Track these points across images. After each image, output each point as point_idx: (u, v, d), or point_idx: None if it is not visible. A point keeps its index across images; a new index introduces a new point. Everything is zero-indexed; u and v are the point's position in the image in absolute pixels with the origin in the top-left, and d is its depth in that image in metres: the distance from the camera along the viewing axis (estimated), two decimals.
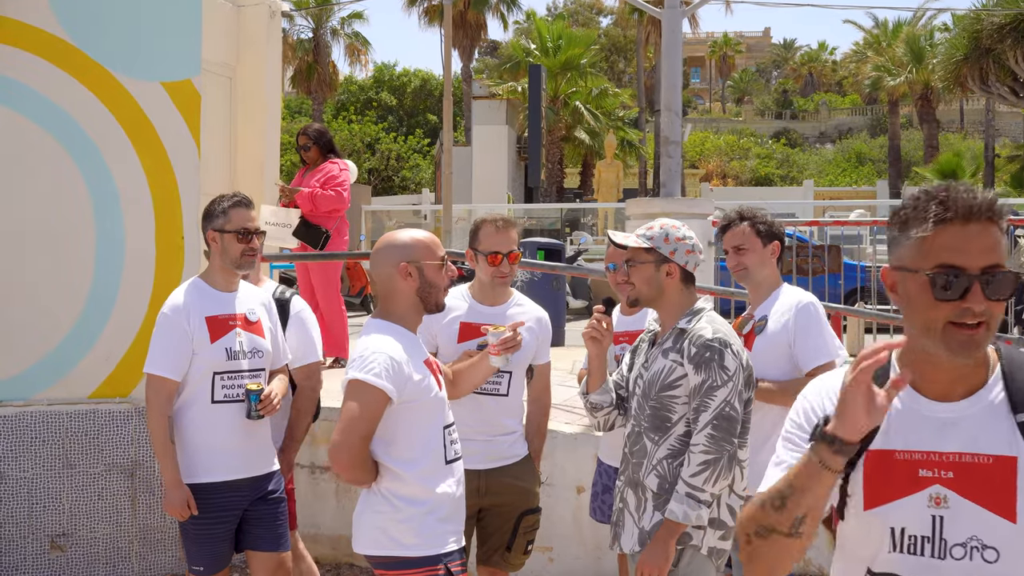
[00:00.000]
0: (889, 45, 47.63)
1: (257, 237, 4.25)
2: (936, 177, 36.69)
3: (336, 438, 3.22)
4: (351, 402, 3.23)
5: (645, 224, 3.72)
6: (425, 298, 3.44)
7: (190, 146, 6.04)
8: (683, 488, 3.41)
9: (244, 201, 4.25)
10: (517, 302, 4.31)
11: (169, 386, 4.11)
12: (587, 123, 37.00)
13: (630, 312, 4.61)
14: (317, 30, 44.70)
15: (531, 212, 26.54)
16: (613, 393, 3.80)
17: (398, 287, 3.41)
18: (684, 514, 3.40)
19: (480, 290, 4.26)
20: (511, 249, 4.18)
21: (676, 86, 9.04)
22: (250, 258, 4.23)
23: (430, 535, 3.34)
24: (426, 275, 3.42)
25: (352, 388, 3.25)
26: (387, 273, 3.42)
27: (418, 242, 3.45)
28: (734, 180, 56.40)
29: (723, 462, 3.41)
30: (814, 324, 4.13)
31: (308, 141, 8.23)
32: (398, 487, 3.33)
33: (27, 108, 5.80)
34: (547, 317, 4.37)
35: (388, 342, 3.31)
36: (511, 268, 4.20)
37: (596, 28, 64.16)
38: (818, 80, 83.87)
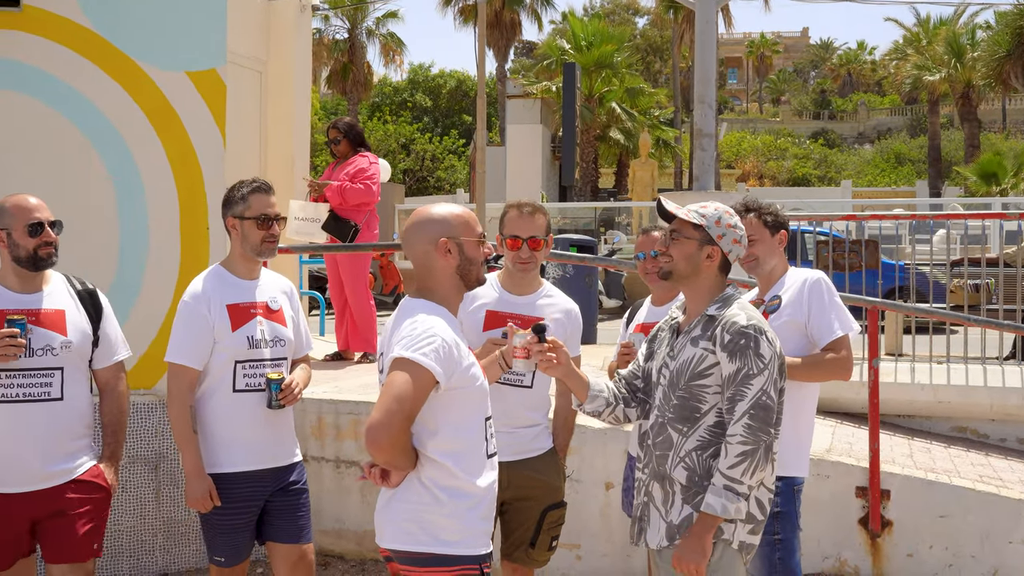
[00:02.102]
0: (929, 43, 47.07)
1: (278, 223, 4.17)
2: (977, 177, 36.23)
3: (376, 417, 2.98)
4: (397, 380, 3.00)
5: (699, 203, 3.60)
6: (466, 275, 3.28)
7: (215, 135, 5.98)
8: (720, 480, 3.27)
9: (263, 187, 4.16)
10: (547, 293, 4.19)
11: (190, 375, 4.04)
12: (622, 122, 36.81)
13: (661, 303, 4.50)
14: (352, 30, 44.80)
15: (565, 211, 26.38)
16: (606, 393, 3.63)
17: (437, 264, 3.24)
18: (723, 507, 3.26)
19: (508, 278, 4.15)
20: (532, 235, 4.05)
21: (710, 79, 8.90)
22: (270, 244, 4.14)
23: (472, 532, 3.16)
24: (466, 251, 3.26)
25: (399, 366, 3.02)
26: (424, 250, 3.25)
27: (457, 217, 3.27)
28: (771, 181, 55.96)
29: (760, 453, 3.27)
30: (827, 298, 4.15)
31: (338, 134, 8.17)
32: (444, 478, 3.12)
33: (52, 97, 5.79)
34: (577, 310, 4.24)
35: (439, 323, 3.12)
36: (531, 255, 4.06)
37: (633, 28, 63.92)
38: (857, 80, 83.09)
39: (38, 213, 3.97)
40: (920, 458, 6.51)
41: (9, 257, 3.96)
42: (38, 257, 3.94)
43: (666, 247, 3.50)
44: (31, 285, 4.01)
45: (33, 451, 3.91)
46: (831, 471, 5.85)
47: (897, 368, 7.76)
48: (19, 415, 3.89)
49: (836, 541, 5.81)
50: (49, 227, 3.98)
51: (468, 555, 3.14)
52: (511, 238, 4.05)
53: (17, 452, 3.89)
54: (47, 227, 3.97)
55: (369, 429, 3.00)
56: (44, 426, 3.93)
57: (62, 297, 4.06)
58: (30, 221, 3.93)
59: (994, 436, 7.49)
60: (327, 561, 6.08)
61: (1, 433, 3.87)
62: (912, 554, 5.74)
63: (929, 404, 7.52)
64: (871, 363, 5.87)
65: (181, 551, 5.90)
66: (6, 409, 3.88)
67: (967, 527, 5.69)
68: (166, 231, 5.87)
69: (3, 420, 3.88)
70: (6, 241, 3.95)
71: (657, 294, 4.54)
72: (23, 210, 3.96)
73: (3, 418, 3.88)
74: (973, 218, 10.78)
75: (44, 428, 3.93)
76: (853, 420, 7.29)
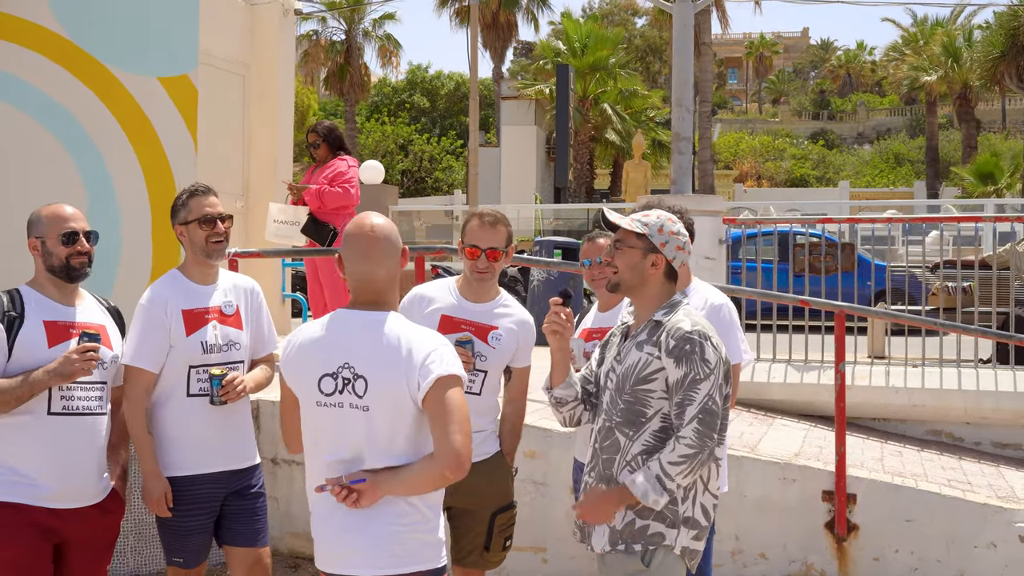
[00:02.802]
0: (926, 44, 47.07)
1: (223, 223, 4.18)
2: (974, 177, 36.27)
3: (465, 442, 2.94)
4: (459, 400, 2.99)
5: (642, 212, 3.63)
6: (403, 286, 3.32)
7: (187, 140, 6.03)
8: (656, 468, 3.29)
9: (202, 189, 4.19)
10: (504, 303, 4.22)
11: (147, 378, 4.07)
12: (616, 124, 36.80)
13: (606, 308, 4.53)
14: (349, 32, 44.82)
15: (559, 213, 26.45)
16: (578, 387, 3.68)
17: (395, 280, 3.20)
18: (644, 492, 3.30)
19: (465, 285, 4.18)
20: (492, 246, 4.06)
21: (687, 81, 8.95)
22: (217, 245, 4.16)
23: (442, 543, 3.17)
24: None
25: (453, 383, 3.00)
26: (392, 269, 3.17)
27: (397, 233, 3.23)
28: (769, 181, 55.97)
29: (701, 458, 3.31)
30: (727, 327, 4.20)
31: (317, 138, 8.20)
32: (432, 493, 3.11)
33: (24, 103, 5.82)
34: (532, 321, 4.27)
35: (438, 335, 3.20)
36: (489, 265, 4.08)
37: (631, 28, 63.90)
38: (856, 80, 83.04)
39: (73, 223, 3.92)
40: (890, 462, 6.54)
41: (43, 267, 3.92)
42: (71, 267, 3.88)
43: (611, 257, 3.53)
44: (70, 298, 3.97)
45: (83, 466, 3.88)
46: (798, 475, 5.88)
47: (872, 371, 7.79)
48: (79, 428, 3.85)
49: (802, 545, 5.84)
50: (84, 237, 3.93)
51: (442, 566, 3.16)
52: (470, 247, 4.08)
53: (70, 467, 3.83)
54: (81, 236, 3.92)
55: (464, 457, 2.95)
56: (96, 440, 3.92)
57: (98, 313, 4.06)
58: (64, 230, 3.88)
59: (969, 440, 7.52)
60: (297, 563, 6.12)
61: (58, 446, 3.80)
62: (878, 558, 5.78)
63: (904, 407, 7.56)
64: (837, 367, 5.90)
65: (152, 553, 5.92)
66: (67, 421, 3.83)
67: (933, 531, 5.72)
68: (138, 236, 5.91)
69: (61, 433, 3.81)
70: (40, 250, 3.92)
71: (603, 300, 4.57)
72: (58, 219, 3.92)
73: (61, 431, 3.81)
74: (949, 220, 10.81)
75: (96, 443, 3.92)
76: (828, 424, 7.33)
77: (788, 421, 7.42)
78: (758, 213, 21.88)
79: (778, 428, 7.13)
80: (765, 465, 5.92)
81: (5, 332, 3.77)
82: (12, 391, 3.69)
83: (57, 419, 3.81)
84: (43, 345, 3.80)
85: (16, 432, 3.77)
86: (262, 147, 9.56)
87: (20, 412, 3.75)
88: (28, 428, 3.77)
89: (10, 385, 3.70)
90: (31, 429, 3.77)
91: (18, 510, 3.75)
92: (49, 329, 3.84)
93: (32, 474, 3.76)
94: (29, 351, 3.77)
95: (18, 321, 3.80)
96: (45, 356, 3.78)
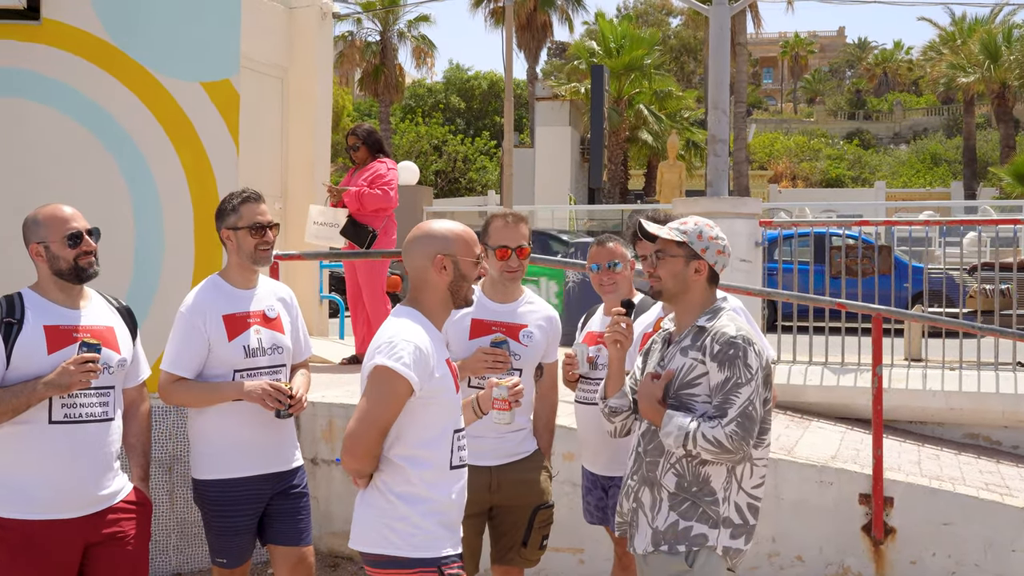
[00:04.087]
0: (964, 43, 46.61)
1: (271, 230, 4.24)
2: (1012, 178, 35.86)
3: (353, 427, 3.10)
4: (375, 390, 3.14)
5: (679, 219, 3.67)
6: (456, 292, 3.38)
7: (229, 145, 6.10)
8: (694, 428, 3.34)
9: (254, 196, 4.24)
10: (528, 300, 4.31)
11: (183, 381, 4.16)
12: (650, 124, 36.73)
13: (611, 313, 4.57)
14: (384, 33, 45.02)
15: (593, 213, 26.44)
16: (631, 397, 3.75)
17: (431, 279, 3.35)
18: (668, 432, 3.39)
19: (491, 286, 4.25)
20: (520, 244, 4.18)
21: (723, 83, 8.96)
22: (264, 252, 4.21)
23: (425, 538, 3.25)
24: (460, 269, 3.36)
25: (377, 375, 3.14)
26: (421, 264, 3.35)
27: (456, 235, 3.38)
28: (804, 182, 55.63)
29: (732, 457, 3.36)
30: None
31: (357, 141, 8.28)
32: (398, 483, 3.23)
33: (69, 108, 5.92)
34: (557, 316, 4.37)
35: (417, 331, 3.24)
36: (520, 263, 4.20)
37: (666, 28, 63.70)
38: (893, 80, 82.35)
39: (74, 222, 3.80)
40: (928, 465, 6.52)
41: (49, 271, 3.78)
42: (79, 267, 3.76)
43: (654, 268, 3.58)
44: (75, 300, 3.85)
45: (91, 473, 3.76)
46: (835, 478, 5.89)
47: (909, 374, 7.77)
48: (80, 436, 3.73)
49: (839, 548, 5.84)
50: (87, 235, 3.82)
51: (425, 558, 3.24)
52: (499, 248, 4.15)
53: (78, 475, 3.72)
54: (85, 235, 3.80)
55: (347, 438, 3.14)
56: (101, 447, 3.79)
57: (106, 313, 3.94)
58: (68, 232, 3.76)
59: (1007, 443, 7.49)
60: (336, 562, 6.20)
61: (63, 456, 3.68)
62: (915, 561, 5.77)
63: (941, 411, 7.54)
64: (875, 370, 5.90)
65: (194, 551, 6.02)
66: (68, 430, 3.71)
67: (970, 535, 5.70)
68: (180, 239, 5.99)
69: (65, 442, 3.69)
70: (44, 255, 3.78)
71: (608, 305, 4.60)
72: (58, 220, 3.79)
73: (65, 440, 3.70)
74: (987, 223, 10.74)
75: (101, 449, 3.79)
76: (865, 427, 7.31)
77: (824, 424, 7.42)
78: (793, 214, 21.81)
79: (814, 431, 7.12)
80: (802, 468, 5.93)
81: (3, 340, 3.64)
82: (8, 402, 3.58)
83: (59, 428, 3.68)
84: (42, 352, 3.67)
85: (17, 443, 3.66)
86: (300, 149, 9.66)
87: (19, 422, 3.63)
88: (29, 439, 3.65)
89: (4, 396, 3.57)
90: (33, 439, 3.65)
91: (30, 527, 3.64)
92: (49, 334, 3.71)
93: (38, 486, 3.64)
94: (27, 358, 3.65)
95: (16, 327, 3.67)
96: (44, 363, 3.66)
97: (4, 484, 3.66)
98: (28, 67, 5.93)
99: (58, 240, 3.77)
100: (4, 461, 3.68)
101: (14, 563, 3.63)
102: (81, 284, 3.85)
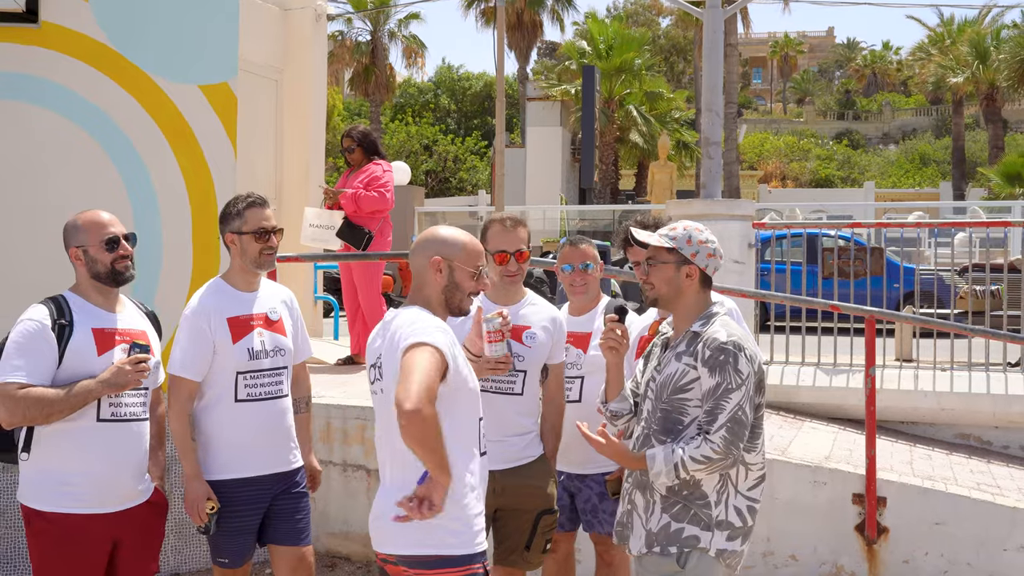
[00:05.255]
0: (953, 43, 46.80)
1: (275, 235, 4.28)
2: (1000, 178, 36.03)
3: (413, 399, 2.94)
4: (418, 358, 3.06)
5: (668, 225, 3.72)
6: (449, 298, 3.43)
7: (227, 148, 6.14)
8: (677, 456, 3.39)
9: (258, 201, 4.29)
10: (531, 301, 4.33)
11: (190, 386, 4.19)
12: (640, 125, 36.81)
13: (579, 313, 4.63)
14: (375, 32, 45.00)
15: (584, 214, 26.51)
16: (631, 400, 3.80)
17: (428, 280, 3.42)
18: (659, 472, 3.42)
19: (493, 290, 4.28)
20: (518, 248, 4.21)
21: (717, 86, 9.01)
22: (269, 257, 4.26)
23: (472, 531, 3.29)
24: (455, 276, 3.41)
25: (416, 348, 3.11)
26: (421, 264, 3.42)
27: (460, 243, 3.44)
28: (793, 182, 55.79)
29: (724, 464, 3.41)
30: None
31: (352, 143, 8.31)
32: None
33: (68, 111, 5.95)
34: (561, 317, 4.38)
35: (439, 322, 3.32)
36: (519, 267, 4.23)
37: (656, 29, 63.79)
38: (882, 80, 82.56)
39: (113, 228, 3.98)
40: (920, 465, 6.59)
41: (87, 274, 3.95)
42: (116, 271, 3.93)
43: (646, 275, 3.63)
44: (112, 303, 4.01)
45: (130, 469, 3.95)
46: (828, 478, 5.95)
47: (900, 375, 7.83)
48: (124, 434, 3.92)
49: (833, 547, 5.90)
50: (124, 240, 3.99)
51: (471, 553, 3.29)
52: (499, 253, 4.19)
53: (120, 471, 3.91)
54: (123, 240, 3.98)
55: (412, 414, 2.93)
56: (140, 445, 3.99)
57: (139, 318, 4.11)
58: (106, 236, 3.93)
59: (997, 443, 7.55)
60: (334, 562, 6.24)
61: (109, 452, 3.88)
62: (908, 561, 5.83)
63: (932, 411, 7.60)
64: (868, 371, 5.95)
65: (192, 552, 6.05)
66: (114, 428, 3.90)
67: (963, 534, 5.77)
68: (179, 242, 6.02)
69: (111, 439, 3.89)
70: (83, 259, 3.95)
71: (575, 305, 4.66)
72: (98, 225, 3.96)
73: (111, 437, 3.89)
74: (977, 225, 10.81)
75: (140, 447, 3.99)
76: (857, 427, 7.38)
77: (818, 424, 7.48)
78: (783, 214, 21.88)
79: (808, 431, 7.18)
80: (796, 468, 5.99)
81: (56, 340, 3.81)
82: (66, 401, 3.75)
83: (107, 426, 3.88)
84: (93, 353, 3.86)
85: (66, 440, 3.82)
86: (295, 151, 9.67)
87: (69, 420, 3.80)
88: (78, 435, 3.83)
89: (62, 395, 3.74)
90: (82, 436, 3.84)
91: (72, 521, 3.81)
92: (97, 337, 3.89)
93: (82, 481, 3.82)
94: (80, 359, 3.83)
95: (68, 329, 3.84)
96: (95, 364, 3.84)
97: (51, 479, 3.83)
98: (26, 70, 5.96)
99: (96, 244, 3.94)
100: (53, 457, 3.84)
101: (55, 555, 3.81)
102: (117, 287, 4.02)
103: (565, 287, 4.63)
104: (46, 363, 3.78)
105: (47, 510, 3.83)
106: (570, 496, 4.63)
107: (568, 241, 4.62)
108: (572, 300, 4.67)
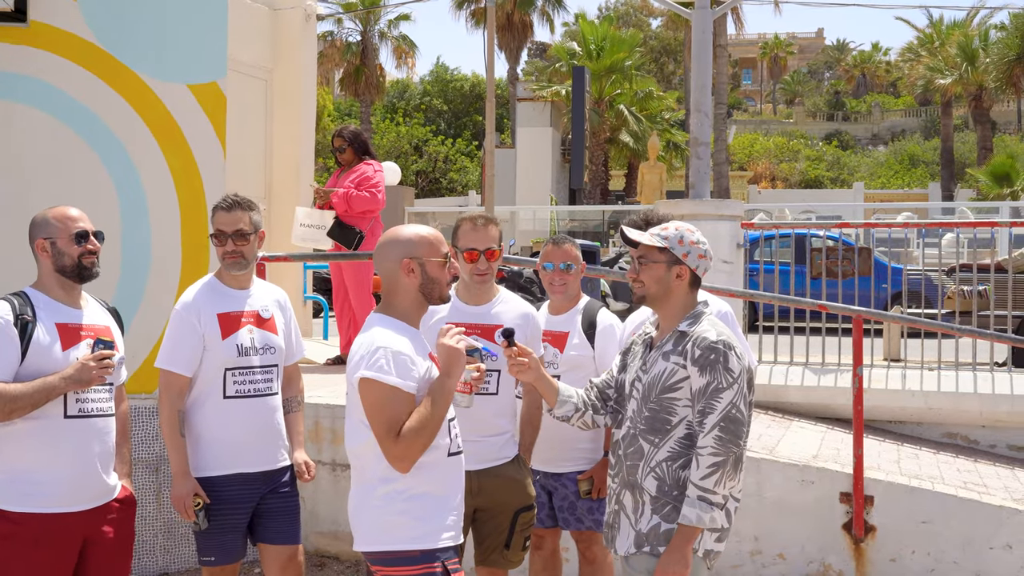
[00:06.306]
0: (942, 45, 46.96)
1: (235, 241, 4.23)
2: (989, 179, 36.19)
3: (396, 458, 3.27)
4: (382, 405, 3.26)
5: (659, 225, 3.74)
6: (428, 293, 3.47)
7: (216, 147, 6.14)
8: (694, 492, 3.40)
9: (223, 204, 4.28)
10: (502, 299, 4.32)
11: (180, 381, 4.19)
12: (631, 125, 36.85)
13: (558, 312, 4.66)
14: (365, 33, 44.95)
15: (574, 214, 26.53)
16: (575, 399, 3.81)
17: (401, 283, 3.44)
18: (698, 517, 3.38)
19: (464, 289, 4.28)
20: (488, 247, 4.19)
21: (706, 87, 9.03)
22: (232, 259, 4.25)
23: (433, 529, 3.34)
24: (428, 271, 3.45)
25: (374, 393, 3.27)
26: (390, 268, 3.45)
27: (421, 238, 3.47)
28: (783, 183, 55.92)
29: (730, 464, 3.41)
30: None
31: (343, 143, 8.31)
32: (398, 478, 3.30)
33: (56, 110, 5.95)
34: (534, 312, 4.38)
35: (390, 336, 3.33)
36: (489, 265, 4.21)
37: (647, 30, 63.86)
38: (871, 81, 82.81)
39: (82, 223, 3.94)
40: (907, 464, 6.62)
41: (52, 268, 3.89)
42: (82, 266, 3.87)
43: (636, 273, 3.64)
44: (76, 299, 3.95)
45: (99, 466, 3.88)
46: (816, 477, 5.97)
47: (888, 374, 7.86)
48: (92, 431, 3.86)
49: (820, 546, 5.93)
50: (92, 236, 3.94)
51: (429, 549, 3.33)
52: (468, 251, 4.19)
53: (89, 468, 3.85)
54: (91, 235, 3.93)
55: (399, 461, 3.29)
56: (107, 441, 3.93)
57: (102, 313, 4.06)
58: (75, 230, 3.88)
59: (984, 442, 7.59)
60: (323, 562, 6.24)
61: (77, 449, 3.81)
62: (895, 559, 5.86)
63: (920, 410, 7.63)
64: (855, 371, 5.98)
65: (181, 551, 6.05)
66: (82, 424, 3.83)
67: (949, 533, 5.80)
68: (168, 240, 6.03)
69: (79, 436, 3.82)
70: (50, 251, 3.88)
71: (555, 304, 4.68)
72: (67, 219, 3.92)
73: (79, 434, 3.82)
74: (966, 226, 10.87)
75: (107, 443, 3.93)
76: (845, 426, 7.41)
77: (805, 423, 7.50)
78: (772, 215, 21.93)
79: (796, 430, 7.21)
80: (784, 467, 6.01)
81: (19, 335, 3.74)
82: (29, 397, 3.67)
83: (74, 422, 3.81)
84: (57, 348, 3.79)
85: (32, 437, 3.74)
86: (285, 151, 9.68)
87: (35, 416, 3.73)
88: (45, 432, 3.75)
89: (26, 391, 3.67)
90: (48, 433, 3.76)
91: (40, 520, 3.73)
92: (62, 332, 3.83)
93: (50, 480, 3.75)
94: (43, 355, 3.76)
95: (31, 324, 3.78)
96: (59, 359, 3.78)
97: (20, 479, 3.74)
98: (15, 69, 5.96)
99: (65, 237, 3.88)
100: (21, 457, 3.76)
101: (25, 557, 3.72)
102: (82, 283, 3.95)
103: (545, 285, 4.66)
104: (8, 359, 3.70)
105: (13, 510, 3.73)
106: (548, 494, 4.65)
107: (551, 240, 4.64)
108: (552, 299, 4.71)
